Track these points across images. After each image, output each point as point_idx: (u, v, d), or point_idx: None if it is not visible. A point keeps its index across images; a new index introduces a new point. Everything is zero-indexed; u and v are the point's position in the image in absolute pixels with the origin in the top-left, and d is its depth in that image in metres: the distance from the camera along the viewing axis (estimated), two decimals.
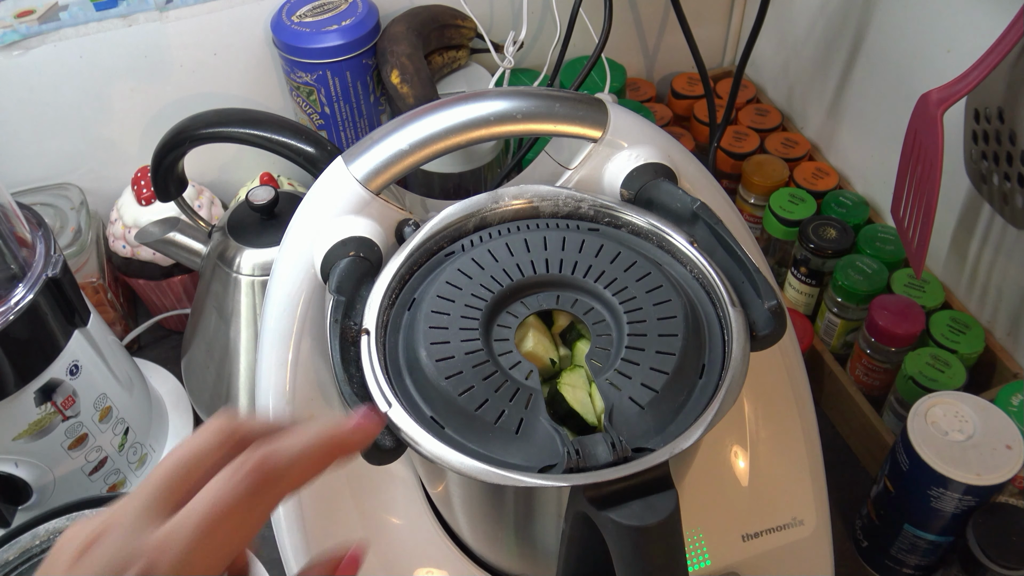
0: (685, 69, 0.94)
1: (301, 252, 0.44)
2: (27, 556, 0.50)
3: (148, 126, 0.77)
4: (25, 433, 0.57)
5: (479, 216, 0.45)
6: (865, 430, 0.67)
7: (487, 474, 0.35)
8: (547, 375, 0.40)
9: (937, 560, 0.59)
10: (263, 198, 0.62)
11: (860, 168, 0.81)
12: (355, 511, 0.46)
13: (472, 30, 0.79)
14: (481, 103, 0.45)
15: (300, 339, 0.44)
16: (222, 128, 0.58)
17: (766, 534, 0.51)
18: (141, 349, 0.79)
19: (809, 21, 0.82)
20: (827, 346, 0.72)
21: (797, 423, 0.52)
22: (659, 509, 0.35)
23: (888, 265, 0.70)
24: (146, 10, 0.71)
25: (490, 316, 0.40)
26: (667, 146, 0.48)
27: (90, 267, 0.72)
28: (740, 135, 0.84)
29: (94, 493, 0.63)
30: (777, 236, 0.76)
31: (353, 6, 0.73)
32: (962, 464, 0.52)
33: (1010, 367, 0.67)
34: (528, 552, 0.45)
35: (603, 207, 0.45)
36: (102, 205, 0.78)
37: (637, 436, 0.37)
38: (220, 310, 0.63)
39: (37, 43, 0.69)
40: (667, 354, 0.38)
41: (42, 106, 0.73)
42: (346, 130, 0.77)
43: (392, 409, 0.36)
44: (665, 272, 0.42)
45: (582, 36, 0.79)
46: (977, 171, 0.61)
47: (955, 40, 0.66)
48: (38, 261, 0.56)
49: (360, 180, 0.44)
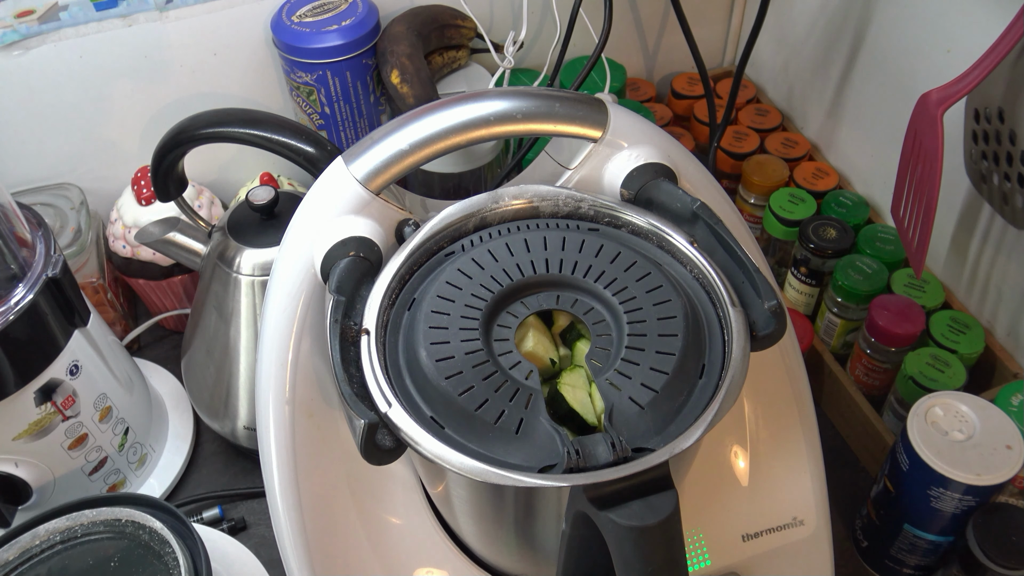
0: (685, 69, 0.94)
1: (301, 252, 0.44)
2: (27, 556, 0.50)
3: (148, 126, 0.77)
4: (25, 433, 0.57)
5: (479, 216, 0.45)
6: (865, 430, 0.67)
7: (487, 474, 0.35)
8: (547, 375, 0.40)
9: (937, 560, 0.59)
10: (263, 198, 0.62)
11: (860, 168, 0.81)
12: (355, 511, 0.47)
13: (472, 30, 0.79)
14: (481, 103, 0.45)
15: (300, 339, 0.44)
16: (222, 128, 0.58)
17: (766, 534, 0.51)
18: (141, 349, 0.79)
19: (809, 21, 0.82)
20: (827, 346, 0.72)
21: (797, 423, 0.52)
22: (659, 509, 0.35)
23: (888, 265, 0.70)
24: (146, 10, 0.71)
25: (490, 316, 0.40)
26: (667, 146, 0.48)
27: (90, 267, 0.72)
28: (740, 135, 0.84)
29: (94, 493, 0.63)
30: (777, 236, 0.76)
31: (353, 6, 0.73)
32: (962, 464, 0.52)
33: (1010, 367, 0.67)
34: (528, 552, 0.45)
35: (603, 207, 0.45)
36: (102, 205, 0.78)
37: (637, 436, 0.37)
38: (220, 310, 0.63)
39: (37, 43, 0.69)
40: (667, 354, 0.38)
41: (42, 106, 0.73)
42: (346, 130, 0.77)
43: (392, 409, 0.36)
44: (665, 272, 0.42)
45: (582, 36, 0.79)
46: (977, 171, 0.61)
47: (955, 40, 0.66)
48: (38, 261, 0.56)
49: (360, 180, 0.44)
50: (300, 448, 0.45)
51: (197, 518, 0.66)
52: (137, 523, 0.51)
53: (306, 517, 0.45)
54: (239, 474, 0.70)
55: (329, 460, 0.46)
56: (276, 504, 0.45)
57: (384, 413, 0.37)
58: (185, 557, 0.49)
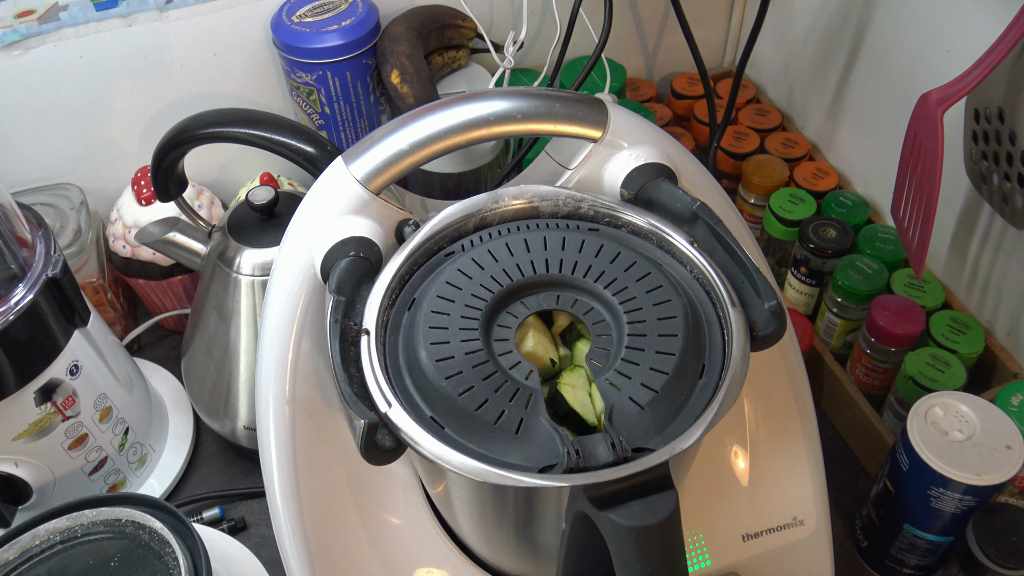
0: (685, 69, 0.94)
1: (301, 252, 0.44)
2: (27, 556, 0.50)
3: (148, 126, 0.77)
4: (25, 433, 0.57)
5: (479, 216, 0.45)
6: (865, 430, 0.67)
7: (487, 474, 0.35)
8: (547, 375, 0.40)
9: (937, 560, 0.59)
10: (263, 198, 0.62)
11: (860, 168, 0.81)
12: (355, 511, 0.47)
13: (472, 30, 0.79)
14: (481, 103, 0.45)
15: (300, 339, 0.44)
16: (222, 128, 0.58)
17: (766, 534, 0.51)
18: (141, 349, 0.79)
19: (809, 21, 0.82)
20: (827, 346, 0.72)
21: (797, 423, 0.52)
22: (659, 509, 0.35)
23: (888, 265, 0.70)
24: (146, 10, 0.71)
25: (490, 316, 0.40)
26: (667, 146, 0.48)
27: (90, 267, 0.72)
28: (740, 135, 0.84)
29: (94, 493, 0.63)
30: (777, 236, 0.76)
31: (353, 6, 0.73)
32: (962, 464, 0.52)
33: (1010, 367, 0.67)
34: (528, 552, 0.45)
35: (603, 207, 0.45)
36: (102, 205, 0.78)
37: (637, 436, 0.37)
38: (220, 310, 0.63)
39: (37, 43, 0.69)
40: (667, 354, 0.38)
41: (42, 106, 0.73)
42: (346, 130, 0.77)
43: (392, 409, 0.36)
44: (665, 272, 0.42)
45: (582, 36, 0.79)
46: (977, 171, 0.61)
47: (955, 40, 0.66)
48: (38, 261, 0.56)
49: (360, 180, 0.44)
50: (300, 448, 0.45)
51: (197, 518, 0.66)
52: (137, 523, 0.51)
53: (306, 517, 0.45)
54: (239, 474, 0.70)
55: (329, 460, 0.46)
56: (276, 504, 0.45)
57: (384, 413, 0.36)
58: (185, 557, 0.49)
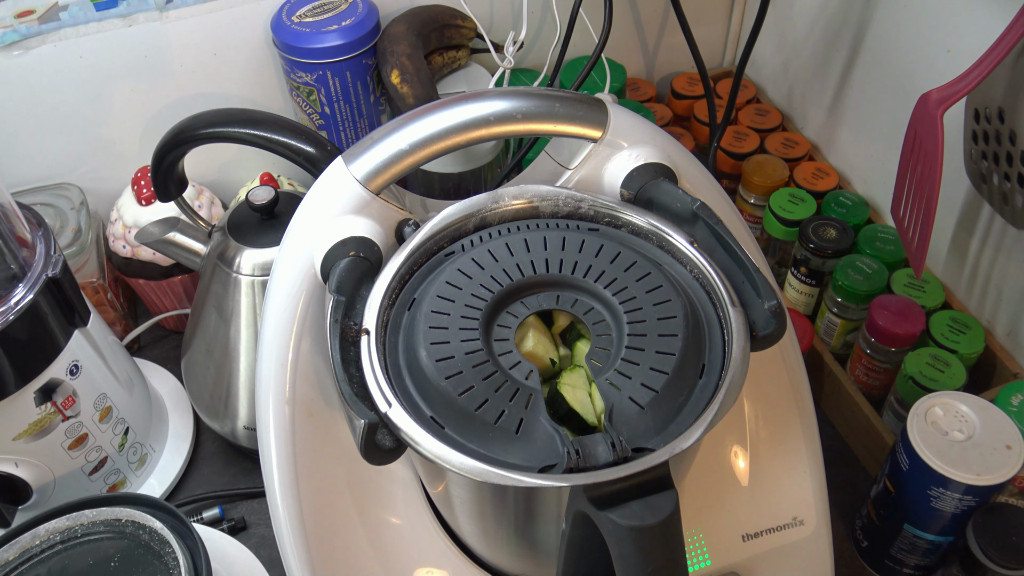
0: (685, 69, 0.94)
1: (301, 252, 0.44)
2: (27, 556, 0.50)
3: (148, 126, 0.77)
4: (25, 433, 0.57)
5: (479, 216, 0.45)
6: (865, 430, 0.67)
7: (487, 474, 0.35)
8: (547, 375, 0.40)
9: (937, 560, 0.59)
10: (263, 198, 0.62)
11: (860, 168, 0.81)
12: (355, 511, 0.47)
13: (472, 30, 0.79)
14: (481, 103, 0.45)
15: (300, 339, 0.44)
16: (222, 128, 0.58)
17: (766, 534, 0.51)
18: (141, 349, 0.79)
19: (809, 21, 0.82)
20: (827, 346, 0.72)
21: (797, 423, 0.52)
22: (659, 509, 0.35)
23: (888, 265, 0.70)
24: (146, 10, 0.71)
25: (490, 316, 0.40)
26: (667, 146, 0.48)
27: (90, 267, 0.72)
28: (740, 135, 0.84)
29: (94, 493, 0.63)
30: (777, 236, 0.76)
31: (353, 6, 0.73)
32: (962, 464, 0.52)
33: (1010, 367, 0.67)
34: (528, 552, 0.45)
35: (603, 207, 0.45)
36: (102, 205, 0.78)
37: (637, 436, 0.37)
38: (220, 310, 0.63)
39: (37, 43, 0.69)
40: (667, 354, 0.38)
41: (42, 106, 0.73)
42: (346, 130, 0.77)
43: (392, 409, 0.36)
44: (665, 272, 0.42)
45: (582, 36, 0.79)
46: (977, 171, 0.61)
47: (955, 40, 0.66)
48: (38, 261, 0.56)
49: (360, 180, 0.44)
50: (300, 448, 0.45)
51: (197, 518, 0.66)
52: (137, 523, 0.51)
53: (306, 517, 0.45)
54: (239, 474, 0.70)
55: (329, 460, 0.46)
56: (276, 504, 0.45)
57: (384, 413, 0.37)
58: (185, 557, 0.49)
